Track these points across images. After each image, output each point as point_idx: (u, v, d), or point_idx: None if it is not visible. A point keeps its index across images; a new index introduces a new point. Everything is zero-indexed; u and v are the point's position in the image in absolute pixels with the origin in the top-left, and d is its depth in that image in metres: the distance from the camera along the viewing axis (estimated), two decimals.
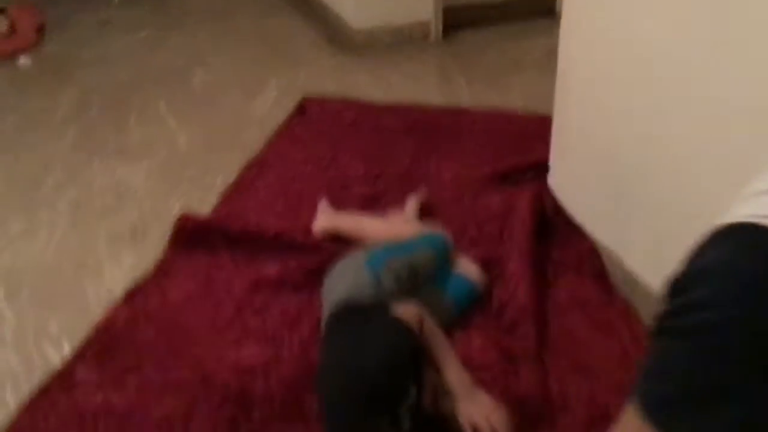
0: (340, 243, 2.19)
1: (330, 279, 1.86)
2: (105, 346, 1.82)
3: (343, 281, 1.77)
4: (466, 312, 1.92)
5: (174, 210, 2.49)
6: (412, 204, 2.35)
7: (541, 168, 2.46)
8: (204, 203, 2.55)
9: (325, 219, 2.29)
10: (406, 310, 1.52)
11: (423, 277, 1.86)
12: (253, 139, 2.93)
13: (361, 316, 1.58)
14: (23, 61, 3.89)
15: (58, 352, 1.85)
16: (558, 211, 2.26)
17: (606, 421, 1.56)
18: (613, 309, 1.94)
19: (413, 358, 1.49)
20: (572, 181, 2.29)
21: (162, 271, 2.13)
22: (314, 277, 2.04)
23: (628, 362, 1.76)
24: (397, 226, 2.18)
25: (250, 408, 1.63)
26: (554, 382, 1.69)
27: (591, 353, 1.79)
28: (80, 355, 1.79)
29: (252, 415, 1.62)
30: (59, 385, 1.70)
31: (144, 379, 1.72)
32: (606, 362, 1.75)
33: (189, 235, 2.21)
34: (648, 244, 1.93)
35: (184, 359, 1.78)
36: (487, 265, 2.06)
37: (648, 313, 1.92)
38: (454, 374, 1.51)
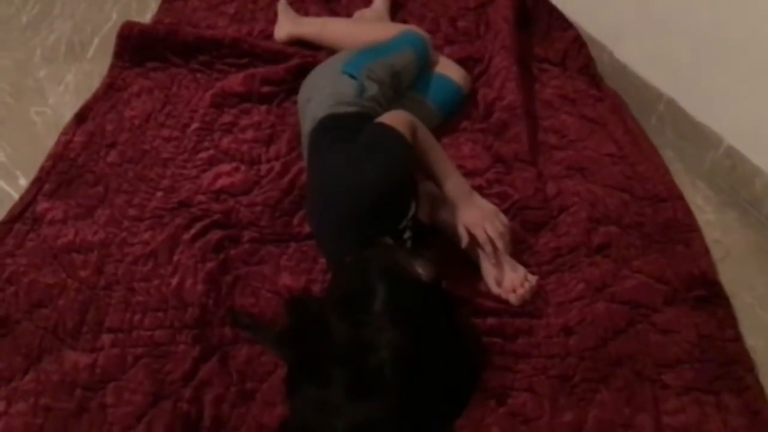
0: (304, 48, 2.01)
1: (305, 91, 1.70)
2: (65, 176, 1.66)
3: (322, 92, 1.61)
4: (451, 116, 1.81)
5: (112, 19, 2.25)
6: (379, 1, 2.15)
7: None
8: (143, 9, 2.30)
9: (287, 23, 2.07)
10: (397, 118, 1.39)
11: (405, 81, 1.72)
12: None
13: (349, 128, 1.45)
14: None
15: (13, 186, 1.69)
16: (538, 0, 2.09)
17: (608, 222, 1.55)
18: (602, 104, 1.86)
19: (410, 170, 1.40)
20: None
21: (112, 88, 1.92)
22: (282, 88, 1.89)
23: (623, 159, 1.70)
24: (368, 27, 1.98)
25: (236, 232, 1.54)
26: (551, 185, 1.63)
27: (584, 152, 1.72)
28: (39, 188, 1.63)
29: (240, 240, 1.53)
30: (22, 221, 1.56)
31: (115, 211, 1.58)
32: (601, 160, 1.70)
33: (137, 46, 1.98)
34: (639, 32, 1.81)
35: (156, 186, 1.64)
36: (466, 63, 1.93)
37: (639, 105, 1.85)
38: (452, 182, 1.42)
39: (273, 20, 2.13)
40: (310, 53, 1.96)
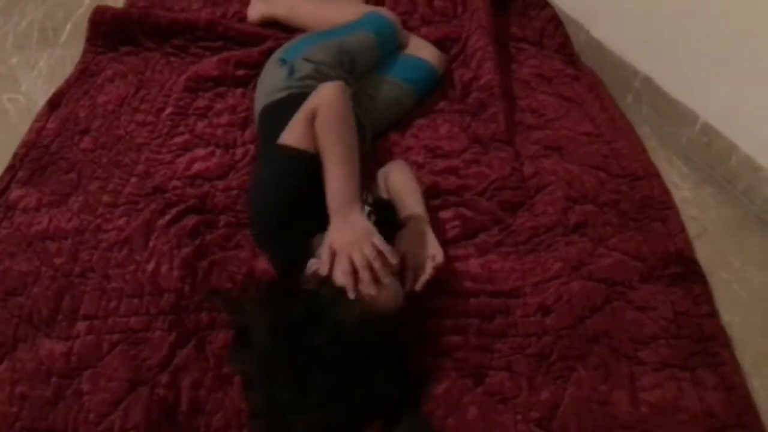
0: (279, 31, 1.99)
1: (258, 82, 1.72)
2: (38, 163, 1.64)
3: (261, 84, 1.65)
4: (426, 97, 1.80)
5: (84, 4, 2.22)
6: None
7: None
8: None
9: (260, 2, 2.06)
10: (325, 92, 1.35)
11: (361, 60, 1.70)
12: None
13: (282, 113, 1.42)
14: None
15: None
16: None
17: (585, 201, 1.55)
18: (579, 83, 1.86)
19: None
20: None
21: (85, 74, 1.90)
22: (257, 71, 1.86)
23: (599, 137, 1.70)
24: (335, 8, 1.96)
25: (212, 217, 1.53)
26: (528, 165, 1.63)
27: (561, 131, 1.72)
28: (12, 176, 1.61)
29: (216, 224, 1.52)
30: None
31: (89, 197, 1.56)
32: (577, 139, 1.69)
33: (109, 30, 1.96)
34: (615, 11, 1.81)
35: (130, 171, 1.63)
36: (443, 43, 1.92)
37: (616, 83, 1.85)
38: (336, 187, 1.26)
39: (247, 2, 2.11)
40: (284, 35, 1.95)
